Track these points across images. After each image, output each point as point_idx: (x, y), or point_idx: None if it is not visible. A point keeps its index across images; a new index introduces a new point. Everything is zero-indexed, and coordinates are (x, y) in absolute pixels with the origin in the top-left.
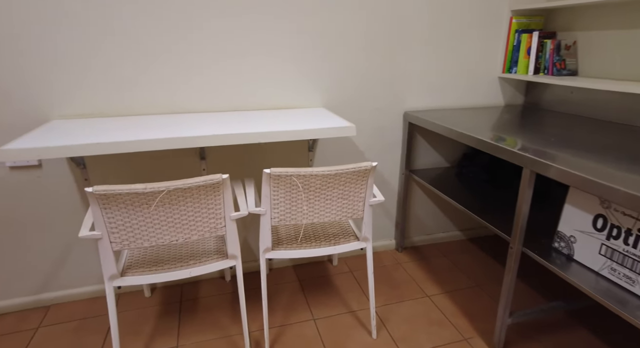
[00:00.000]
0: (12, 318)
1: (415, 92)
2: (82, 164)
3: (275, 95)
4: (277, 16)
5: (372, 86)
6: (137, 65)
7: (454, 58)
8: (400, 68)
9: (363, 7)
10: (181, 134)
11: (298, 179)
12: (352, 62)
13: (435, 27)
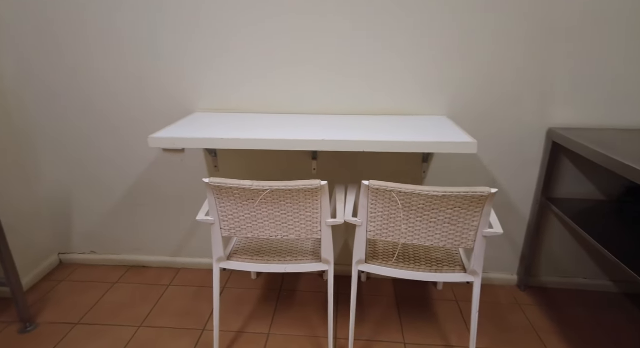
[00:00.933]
0: (154, 272)
1: (569, 104)
2: (214, 152)
3: (393, 100)
4: (399, 13)
5: (508, 92)
6: (266, 68)
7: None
8: (552, 71)
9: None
10: (295, 137)
11: (398, 196)
12: (485, 61)
13: (619, 18)
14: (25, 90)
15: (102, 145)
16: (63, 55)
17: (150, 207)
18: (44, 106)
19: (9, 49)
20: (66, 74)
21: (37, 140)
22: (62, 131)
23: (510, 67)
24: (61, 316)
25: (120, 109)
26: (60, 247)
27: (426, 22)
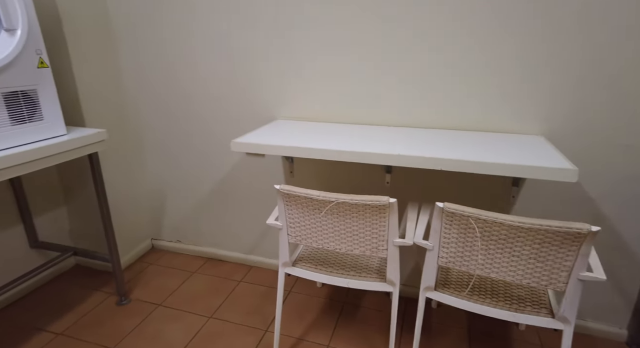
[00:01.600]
0: (229, 267)
1: None
2: (290, 159)
3: (480, 114)
4: (491, 23)
5: (625, 110)
6: (348, 79)
7: None
8: None
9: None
10: (369, 149)
11: (477, 223)
12: (596, 70)
13: None
14: (141, 97)
15: (195, 145)
16: (172, 67)
17: (231, 205)
18: (153, 109)
19: (130, 64)
20: (172, 80)
21: (145, 138)
22: (165, 130)
23: (633, 76)
24: (148, 296)
25: (212, 111)
26: (153, 233)
27: (521, 31)
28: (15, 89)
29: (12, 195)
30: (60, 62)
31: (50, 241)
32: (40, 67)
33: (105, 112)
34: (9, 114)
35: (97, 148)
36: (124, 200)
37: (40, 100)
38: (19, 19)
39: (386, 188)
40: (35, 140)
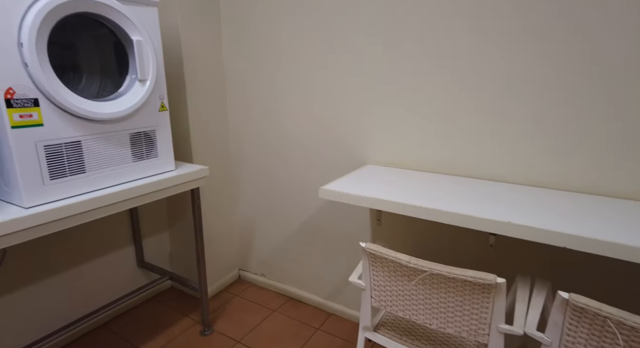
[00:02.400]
0: (309, 311)
1: None
2: None
3: (597, 173)
4: (621, 65)
5: None
6: (447, 127)
7: None
8: None
9: None
10: (471, 212)
11: (619, 329)
12: None
13: None
14: (243, 134)
15: (287, 182)
16: (270, 106)
17: (316, 246)
18: (252, 145)
19: (237, 102)
20: (270, 119)
21: (243, 171)
22: (261, 166)
23: None
24: (229, 329)
25: (305, 151)
26: (241, 264)
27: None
28: (139, 130)
29: (129, 219)
30: (177, 102)
31: (153, 262)
32: (160, 110)
33: (211, 148)
34: (132, 151)
35: (199, 184)
36: (218, 230)
37: (157, 139)
38: (150, 71)
39: (489, 251)
40: (149, 174)
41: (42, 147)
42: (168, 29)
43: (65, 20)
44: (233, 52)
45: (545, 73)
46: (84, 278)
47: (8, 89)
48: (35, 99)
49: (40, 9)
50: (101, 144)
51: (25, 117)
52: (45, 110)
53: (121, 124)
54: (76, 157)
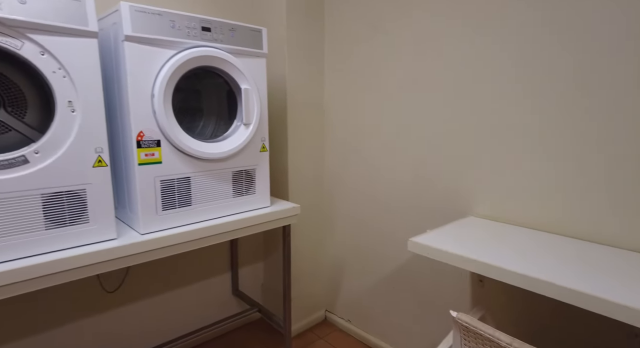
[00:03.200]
0: None
1: None
2: None
3: None
4: None
5: None
6: (562, 179)
7: None
8: None
9: None
10: (608, 294)
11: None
12: None
13: None
14: (337, 174)
15: (379, 226)
16: (366, 147)
17: (405, 298)
18: (346, 186)
19: (335, 144)
20: (365, 159)
21: (336, 211)
22: (354, 207)
23: None
24: None
25: (399, 196)
26: (328, 305)
27: None
28: (241, 168)
29: (229, 247)
30: (278, 143)
31: (246, 292)
32: (261, 151)
33: (306, 187)
34: (233, 187)
35: (290, 221)
36: (307, 268)
37: (256, 177)
38: (254, 115)
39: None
40: (246, 210)
41: (159, 181)
42: (276, 76)
43: (189, 72)
44: (334, 96)
45: None
46: (183, 300)
47: (140, 132)
48: (158, 141)
49: (170, 67)
50: (207, 180)
51: (149, 155)
52: (164, 150)
53: (225, 162)
54: (185, 191)
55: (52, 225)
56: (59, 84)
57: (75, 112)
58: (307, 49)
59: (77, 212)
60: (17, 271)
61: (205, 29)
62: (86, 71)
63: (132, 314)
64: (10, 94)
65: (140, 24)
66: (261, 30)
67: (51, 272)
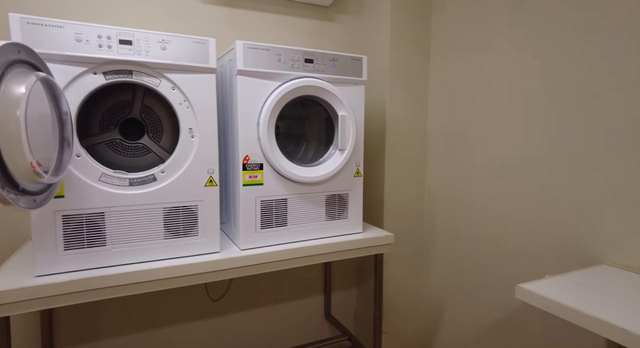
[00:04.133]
0: None
1: None
2: None
3: None
4: None
5: None
6: None
7: None
8: None
9: None
10: None
11: None
12: None
13: None
14: (439, 205)
15: (481, 264)
16: (475, 175)
17: None
18: (447, 218)
19: (438, 172)
20: (469, 188)
21: (434, 242)
22: (453, 239)
23: None
24: None
25: (507, 233)
26: (424, 344)
27: None
28: (335, 192)
29: (323, 270)
30: (374, 169)
31: (338, 317)
32: (355, 176)
33: (403, 216)
34: (326, 211)
35: (383, 250)
36: (401, 300)
37: (349, 202)
38: (349, 141)
39: None
40: (338, 234)
41: (259, 201)
42: (376, 101)
43: (294, 101)
44: (437, 122)
45: None
46: (278, 316)
47: (246, 156)
48: (261, 164)
49: (274, 97)
50: (302, 203)
51: (253, 177)
52: (266, 173)
53: (320, 186)
54: (282, 212)
55: (169, 235)
56: (183, 113)
57: (194, 137)
58: (410, 72)
59: (190, 225)
60: (141, 273)
61: (308, 61)
62: (205, 102)
63: (230, 323)
64: (152, 122)
65: (251, 59)
66: (362, 58)
67: (166, 276)
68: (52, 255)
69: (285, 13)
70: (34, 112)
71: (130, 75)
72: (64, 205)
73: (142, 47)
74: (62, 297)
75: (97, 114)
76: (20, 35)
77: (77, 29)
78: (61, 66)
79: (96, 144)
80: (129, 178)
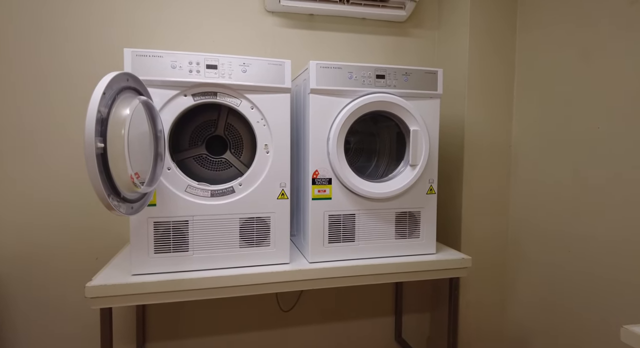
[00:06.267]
0: None
1: None
2: None
3: None
4: None
5: None
6: None
7: None
8: None
9: None
10: None
11: None
12: None
13: None
14: (526, 222)
15: (578, 300)
16: (569, 193)
17: None
18: (535, 237)
19: (521, 188)
20: (563, 209)
21: (519, 267)
22: (543, 268)
23: None
24: None
25: (611, 265)
26: None
27: None
28: (405, 209)
29: (393, 290)
30: (451, 186)
31: (409, 341)
32: (428, 193)
33: (483, 238)
34: (396, 229)
35: (459, 273)
36: (479, 332)
37: (421, 220)
38: (422, 157)
39: None
40: (409, 254)
41: (327, 215)
42: (453, 116)
43: (364, 117)
44: (524, 136)
45: None
46: (345, 334)
47: (315, 171)
48: (329, 179)
49: (344, 114)
50: (370, 219)
51: (321, 191)
52: (334, 187)
53: (390, 203)
54: (350, 227)
55: (244, 244)
56: (260, 131)
57: (269, 153)
58: (491, 82)
59: (262, 235)
60: (219, 278)
61: (379, 77)
62: (280, 120)
63: (299, 336)
64: (234, 139)
65: (323, 78)
66: (437, 72)
67: (240, 283)
68: (144, 258)
69: (360, 31)
70: (135, 131)
71: (215, 96)
72: (155, 213)
73: (226, 70)
74: (151, 295)
75: (187, 131)
76: (130, 65)
77: (172, 57)
78: (159, 90)
79: (185, 159)
80: (210, 189)
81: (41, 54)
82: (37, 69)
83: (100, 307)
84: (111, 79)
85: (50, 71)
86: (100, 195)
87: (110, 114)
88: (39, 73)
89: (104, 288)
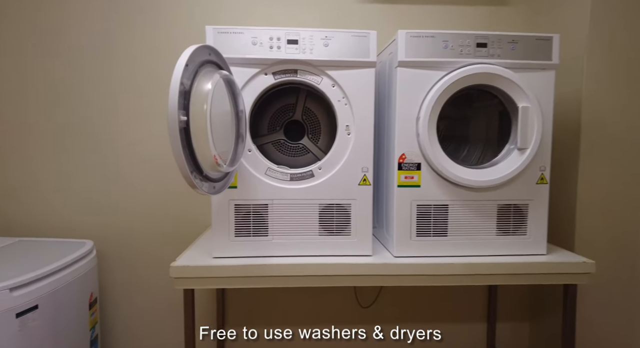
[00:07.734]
0: None
1: None
2: None
3: None
4: None
5: None
6: None
7: None
8: None
9: None
10: None
11: None
12: None
13: None
14: None
15: None
16: None
17: None
18: None
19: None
20: None
21: None
22: None
23: None
24: None
25: None
26: None
27: None
28: (509, 202)
29: (486, 293)
30: (563, 176)
31: None
32: (539, 183)
33: (605, 238)
34: (497, 224)
35: (578, 280)
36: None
37: (529, 215)
38: (533, 139)
39: None
40: (511, 253)
41: (415, 205)
42: (565, 93)
43: (457, 95)
44: None
45: None
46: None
47: (402, 155)
48: (419, 164)
49: (438, 88)
50: (466, 211)
51: (409, 178)
52: (424, 174)
53: (490, 193)
54: (442, 220)
55: (323, 231)
56: (341, 110)
57: (351, 134)
58: (618, 50)
59: (343, 223)
60: (298, 266)
61: (480, 45)
62: (363, 98)
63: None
64: (312, 124)
65: (413, 49)
66: (551, 37)
67: (320, 273)
68: (225, 241)
69: (448, 2)
70: (216, 109)
71: (295, 74)
72: (236, 195)
73: (307, 45)
74: (231, 279)
75: (266, 116)
76: (212, 42)
77: (253, 33)
78: (239, 68)
79: (264, 144)
80: (290, 173)
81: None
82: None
83: (183, 287)
84: (193, 51)
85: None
86: (184, 172)
87: (192, 87)
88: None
89: (187, 269)
